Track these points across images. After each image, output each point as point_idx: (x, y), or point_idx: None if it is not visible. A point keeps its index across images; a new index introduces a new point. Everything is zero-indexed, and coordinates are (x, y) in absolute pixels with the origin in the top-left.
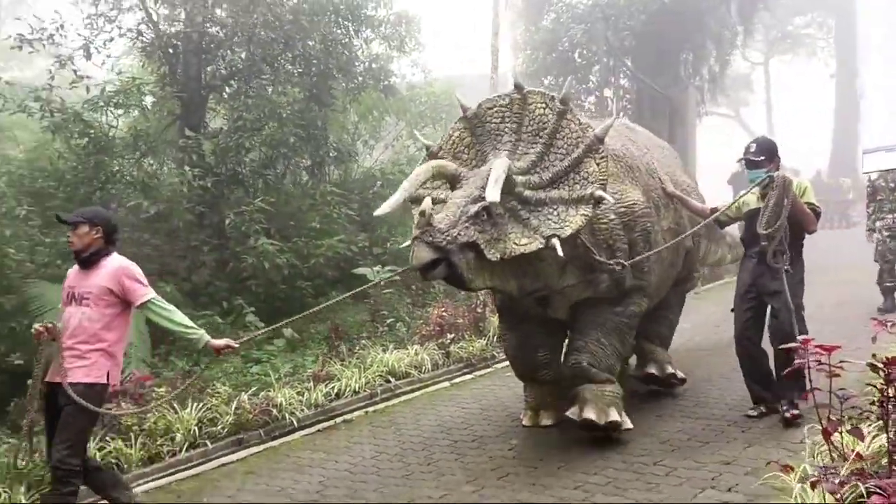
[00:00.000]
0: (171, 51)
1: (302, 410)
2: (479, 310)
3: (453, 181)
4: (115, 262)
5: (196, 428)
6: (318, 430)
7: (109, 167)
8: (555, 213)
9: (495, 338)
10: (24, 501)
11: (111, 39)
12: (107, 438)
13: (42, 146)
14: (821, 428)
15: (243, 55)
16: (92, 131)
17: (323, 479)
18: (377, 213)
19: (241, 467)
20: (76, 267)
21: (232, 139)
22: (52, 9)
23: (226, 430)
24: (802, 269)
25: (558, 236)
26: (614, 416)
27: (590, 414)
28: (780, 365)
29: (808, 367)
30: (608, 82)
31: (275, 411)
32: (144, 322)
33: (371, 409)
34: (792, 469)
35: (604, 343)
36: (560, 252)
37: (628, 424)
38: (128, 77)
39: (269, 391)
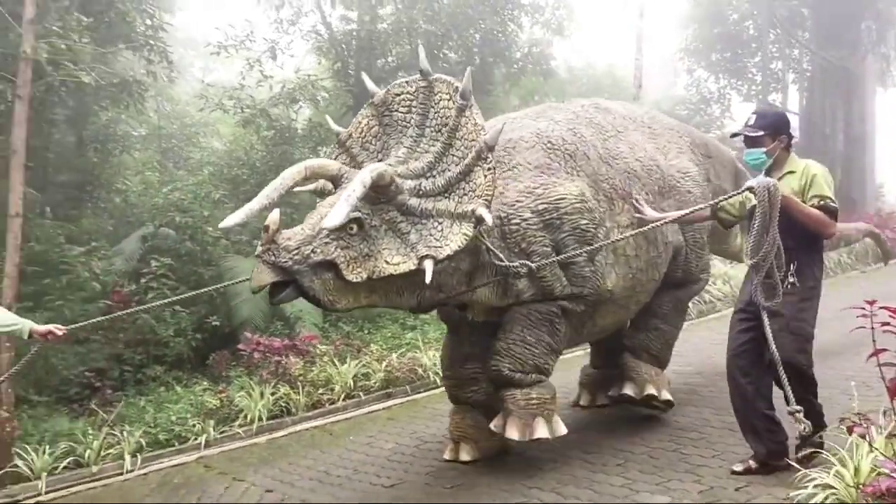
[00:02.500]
0: (343, 48)
1: None
2: None
3: (336, 183)
4: None
5: (352, 381)
6: None
7: (292, 156)
8: (438, 228)
9: None
10: (213, 433)
11: (291, 42)
12: (278, 385)
13: (238, 139)
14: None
15: (407, 48)
16: (277, 124)
17: None
18: (221, 225)
19: (385, 414)
20: None
21: None
22: (244, 17)
23: (377, 384)
24: (815, 284)
25: (433, 257)
26: (540, 430)
27: (512, 432)
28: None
29: (872, 328)
30: (778, 55)
31: (420, 370)
32: None
33: None
34: None
35: (528, 340)
36: (428, 277)
37: (560, 431)
38: (304, 75)
39: (417, 353)
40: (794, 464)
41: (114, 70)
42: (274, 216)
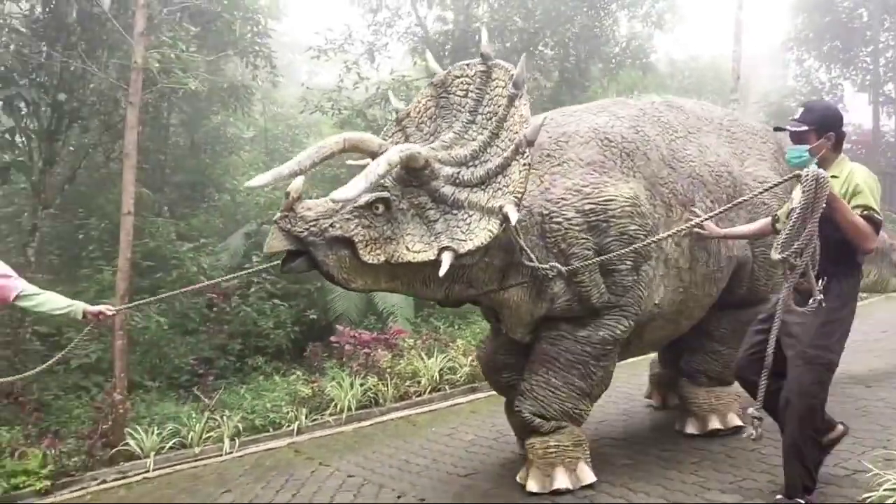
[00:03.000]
0: (438, 48)
1: None
2: None
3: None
4: None
5: (438, 374)
6: None
7: None
8: (466, 220)
9: None
10: (305, 421)
11: (385, 45)
12: (367, 377)
13: None
14: None
15: (499, 47)
16: (374, 125)
17: None
18: (248, 184)
19: (468, 407)
20: None
21: None
22: (342, 21)
23: (463, 378)
24: (843, 306)
25: (454, 250)
26: (559, 480)
27: (531, 484)
28: (789, 444)
29: None
30: (894, 44)
31: None
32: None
33: None
34: None
35: (554, 384)
36: (443, 270)
37: (586, 480)
38: (398, 76)
39: None
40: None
41: (222, 76)
42: (297, 183)
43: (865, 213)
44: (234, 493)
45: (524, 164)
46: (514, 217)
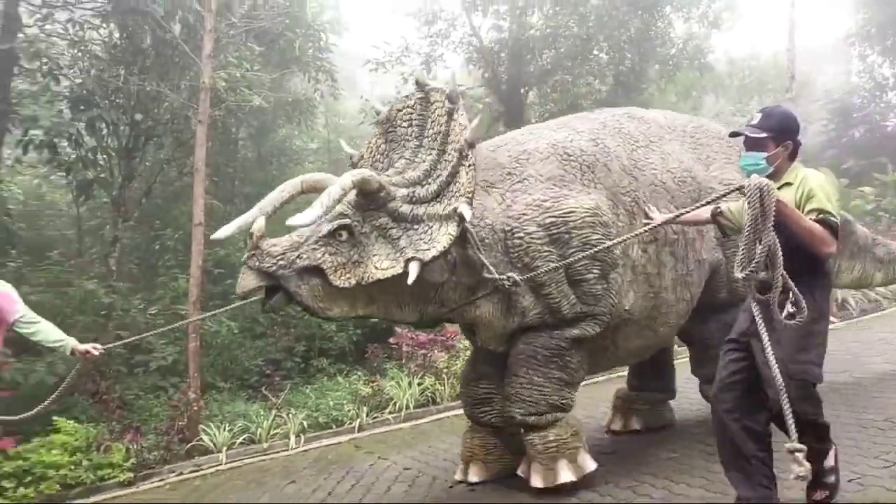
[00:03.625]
0: (493, 57)
1: None
2: None
3: None
4: None
5: None
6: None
7: None
8: (428, 231)
9: None
10: (365, 419)
11: (441, 55)
12: (425, 377)
13: None
14: None
15: (552, 54)
16: None
17: None
18: (214, 236)
19: None
20: None
21: None
22: (400, 34)
23: None
24: (819, 316)
25: (420, 259)
26: (563, 473)
27: (535, 479)
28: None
29: None
30: None
31: None
32: None
33: None
34: None
35: (537, 382)
36: (412, 278)
37: (588, 468)
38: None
39: None
40: None
41: (286, 91)
42: (259, 223)
43: (820, 216)
44: (299, 484)
45: (469, 166)
46: (467, 214)
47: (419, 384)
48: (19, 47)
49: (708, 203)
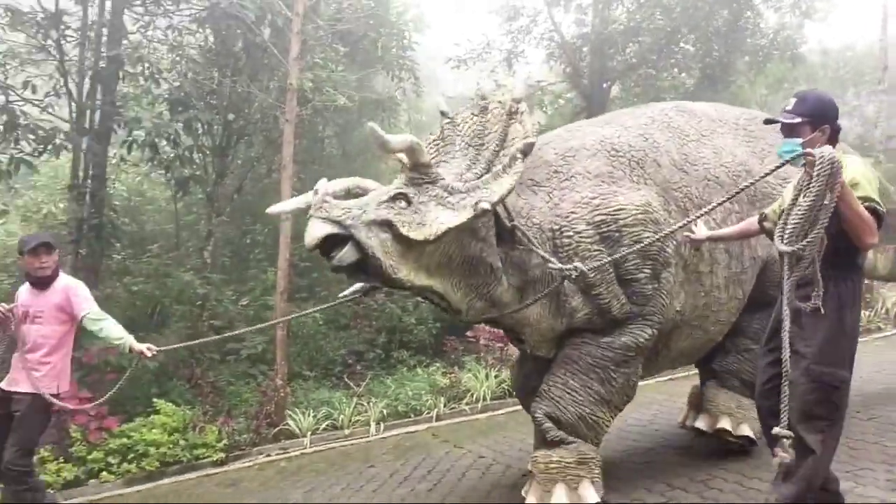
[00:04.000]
0: (575, 52)
1: None
2: None
3: None
4: (63, 282)
5: None
6: None
7: None
8: (486, 185)
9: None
10: (443, 409)
11: (522, 51)
12: (501, 369)
13: None
14: None
15: (636, 47)
16: None
17: None
18: (270, 210)
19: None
20: (28, 287)
21: None
22: (481, 31)
23: None
24: (847, 313)
25: (487, 201)
26: (556, 497)
27: (530, 496)
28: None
29: None
30: None
31: None
32: None
33: None
34: None
35: (572, 386)
36: (487, 207)
37: (587, 500)
38: (533, 81)
39: None
40: None
41: (371, 90)
42: (322, 181)
43: (867, 204)
44: (378, 468)
45: (515, 173)
46: (518, 163)
47: (496, 376)
48: (124, 53)
49: (713, 208)
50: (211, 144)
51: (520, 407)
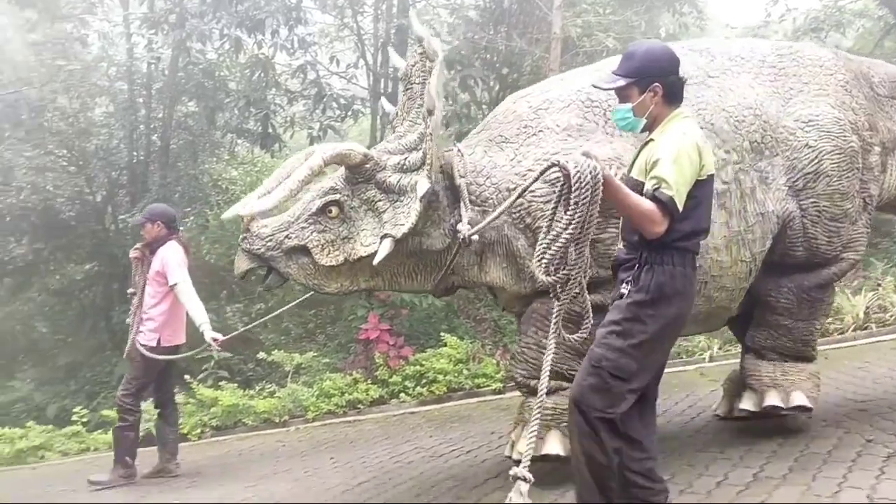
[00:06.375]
0: None
1: None
2: None
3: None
4: (164, 250)
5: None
6: None
7: None
8: (408, 203)
9: None
10: (716, 351)
11: None
12: None
13: None
14: None
15: None
16: None
17: None
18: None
19: (890, 345)
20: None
21: None
22: None
23: (893, 318)
24: (657, 300)
25: (392, 237)
26: (550, 444)
27: (521, 444)
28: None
29: None
30: None
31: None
32: None
33: None
34: None
35: (545, 344)
36: (380, 256)
37: None
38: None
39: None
40: None
41: (651, 29)
42: (248, 207)
43: (656, 187)
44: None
45: (429, 135)
46: (420, 190)
47: None
48: (406, 21)
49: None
50: (487, 99)
51: None
